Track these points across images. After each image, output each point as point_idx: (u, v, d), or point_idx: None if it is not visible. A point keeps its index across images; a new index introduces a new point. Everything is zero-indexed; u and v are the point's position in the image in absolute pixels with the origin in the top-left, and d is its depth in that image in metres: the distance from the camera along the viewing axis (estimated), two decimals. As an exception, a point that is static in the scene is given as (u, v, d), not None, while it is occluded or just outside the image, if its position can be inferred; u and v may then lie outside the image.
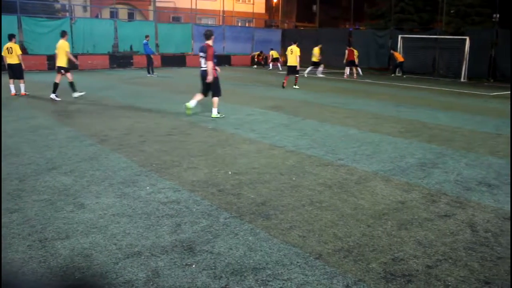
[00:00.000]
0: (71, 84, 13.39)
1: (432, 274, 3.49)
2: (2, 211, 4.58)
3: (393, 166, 6.53)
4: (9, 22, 23.22)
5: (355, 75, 23.49)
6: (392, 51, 25.83)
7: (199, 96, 10.33)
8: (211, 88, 10.07)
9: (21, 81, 13.93)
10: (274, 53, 30.09)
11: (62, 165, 6.25)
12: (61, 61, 13.14)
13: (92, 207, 4.72)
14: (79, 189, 5.29)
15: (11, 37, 13.90)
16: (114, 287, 3.22)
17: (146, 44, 22.10)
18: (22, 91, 13.98)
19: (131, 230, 4.17)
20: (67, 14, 28.86)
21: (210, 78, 9.79)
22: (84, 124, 9.29)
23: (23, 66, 13.97)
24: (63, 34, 13.34)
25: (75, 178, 5.70)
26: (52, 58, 24.32)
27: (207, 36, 9.91)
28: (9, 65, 13.82)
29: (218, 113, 10.28)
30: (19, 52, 13.86)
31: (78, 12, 32.06)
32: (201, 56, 9.95)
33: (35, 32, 24.12)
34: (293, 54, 16.72)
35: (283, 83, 17.19)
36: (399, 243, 4.02)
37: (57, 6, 31.36)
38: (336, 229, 4.28)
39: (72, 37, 25.10)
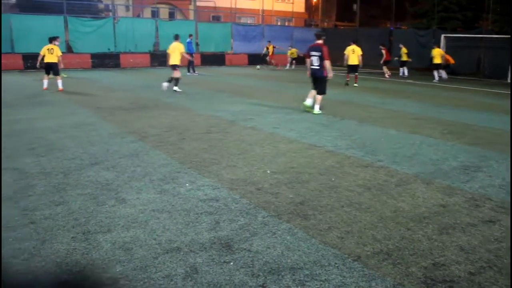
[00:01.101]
0: (177, 80, 15.09)
1: (475, 282, 3.38)
2: (48, 203, 4.73)
3: (434, 168, 6.37)
4: (56, 22, 24.03)
5: (387, 74, 23.21)
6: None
7: (313, 93, 10.88)
8: (317, 86, 10.67)
9: (58, 77, 15.01)
10: (293, 52, 29.24)
11: (104, 161, 6.40)
12: (175, 60, 15.01)
13: (133, 202, 4.81)
14: (120, 184, 5.40)
15: (52, 39, 15.13)
16: (154, 281, 3.27)
17: (189, 43, 22.37)
18: (60, 87, 14.94)
19: (171, 226, 4.23)
20: (110, 13, 29.51)
21: (330, 75, 10.57)
22: (125, 121, 9.49)
23: (61, 65, 15.14)
24: (176, 37, 15.60)
25: (117, 173, 5.82)
26: (95, 57, 25.12)
27: (319, 36, 10.61)
28: (48, 63, 14.92)
29: (320, 109, 10.78)
30: (60, 53, 15.00)
31: (121, 11, 32.79)
32: (313, 55, 10.43)
33: (79, 32, 24.85)
34: (355, 53, 17.69)
35: (347, 81, 18.12)
36: (440, 247, 3.91)
37: (101, 6, 32.18)
38: (375, 231, 4.21)
39: (114, 36, 25.75)
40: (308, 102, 10.86)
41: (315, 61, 10.44)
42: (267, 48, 28.36)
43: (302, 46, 33.25)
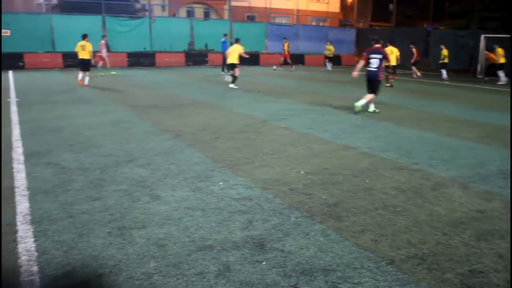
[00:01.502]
0: (235, 78, 16.51)
1: (515, 290, 3.28)
2: (86, 198, 4.85)
3: (472, 172, 6.20)
4: (95, 21, 24.60)
5: (415, 74, 22.86)
6: (487, 52, 24.17)
7: (369, 96, 11.09)
8: (372, 87, 11.02)
9: (87, 73, 15.93)
10: (330, 49, 28.30)
11: (140, 158, 6.51)
12: (233, 59, 16.61)
13: (167, 200, 4.88)
14: (155, 181, 5.48)
15: (84, 36, 16.20)
16: (186, 277, 3.30)
17: (224, 42, 22.51)
18: (86, 82, 15.88)
19: (204, 223, 4.27)
20: (147, 13, 29.99)
21: (382, 76, 11.23)
22: (161, 119, 9.63)
23: (92, 62, 16.54)
24: (237, 41, 17.69)
25: (151, 170, 5.91)
26: (132, 56, 25.58)
27: (377, 40, 11.21)
28: (81, 59, 16.01)
29: (375, 108, 11.22)
30: (91, 49, 16.12)
31: (157, 11, 33.28)
32: (373, 58, 10.81)
33: (117, 31, 25.35)
34: (393, 54, 17.95)
35: (391, 82, 18.08)
36: (477, 254, 3.80)
37: (138, 6, 32.72)
38: (410, 235, 4.13)
39: (150, 36, 26.15)
40: (361, 103, 10.96)
41: (374, 63, 10.81)
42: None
43: (336, 46, 33.09)
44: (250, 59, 29.44)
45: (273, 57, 30.02)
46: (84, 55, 15.93)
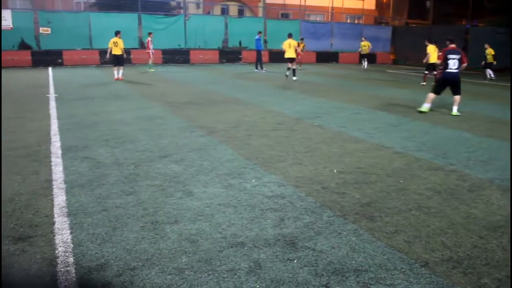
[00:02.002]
0: (294, 71, 18.32)
1: (556, 296, 3.16)
2: (120, 192, 4.93)
3: (512, 174, 6.01)
4: (131, 19, 25.04)
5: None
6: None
7: (433, 97, 10.87)
8: (456, 89, 10.73)
9: (121, 67, 16.98)
10: (365, 45, 27.18)
11: (173, 154, 6.59)
12: (290, 54, 18.37)
13: (200, 196, 4.91)
14: (188, 177, 5.53)
15: (117, 33, 16.92)
16: (218, 273, 3.31)
17: (258, 40, 22.52)
18: (120, 76, 16.70)
19: (236, 220, 4.28)
20: (182, 11, 30.29)
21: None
22: (194, 116, 9.71)
23: (125, 56, 17.15)
24: (290, 35, 19.03)
25: (184, 167, 5.97)
26: (166, 53, 25.88)
27: (453, 40, 10.91)
28: (115, 55, 16.81)
29: (458, 111, 10.77)
30: (123, 46, 16.85)
31: (192, 9, 33.56)
32: (452, 58, 10.46)
33: (152, 28, 25.67)
34: (436, 52, 17.76)
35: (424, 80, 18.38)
36: (516, 259, 3.69)
37: (173, 3, 33.09)
38: (445, 238, 4.03)
39: (185, 33, 26.41)
40: (426, 106, 10.80)
41: (453, 64, 10.47)
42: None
43: (371, 44, 32.61)
44: (284, 57, 29.50)
45: (307, 55, 29.75)
46: (116, 51, 16.76)
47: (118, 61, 16.82)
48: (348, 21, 38.59)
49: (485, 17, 33.48)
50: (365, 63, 27.39)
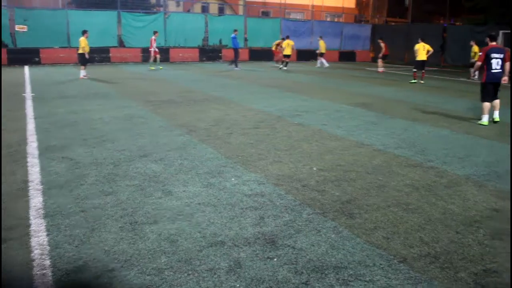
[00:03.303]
0: (286, 63, 22.28)
1: (531, 290, 3.22)
2: (98, 192, 4.87)
3: (488, 171, 6.10)
4: (110, 17, 24.77)
5: (380, 69, 22.61)
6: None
7: (489, 106, 9.60)
8: (497, 91, 9.69)
9: (83, 67, 16.93)
10: (322, 45, 26.33)
11: (153, 153, 6.53)
12: (288, 51, 22.44)
13: (179, 195, 4.88)
14: (167, 176, 5.49)
15: (83, 32, 16.86)
16: (197, 273, 3.30)
17: (234, 38, 22.46)
18: (81, 75, 16.81)
19: (216, 219, 4.26)
20: (161, 9, 30.07)
21: (506, 78, 9.64)
22: (174, 114, 9.65)
23: (87, 56, 16.94)
24: (288, 37, 22.42)
25: (164, 166, 5.92)
26: (146, 51, 25.64)
27: (494, 37, 9.93)
28: (81, 54, 16.80)
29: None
30: (83, 45, 16.63)
31: (172, 6, 33.32)
32: (496, 58, 9.46)
33: (131, 26, 25.48)
34: (425, 50, 18.08)
35: (416, 78, 18.31)
36: (491, 253, 3.74)
37: (153, 1, 32.81)
38: (423, 233, 4.08)
39: (165, 31, 26.22)
40: (485, 119, 9.55)
41: (496, 64, 9.44)
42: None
43: (351, 42, 32.90)
44: (264, 55, 29.53)
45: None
46: (79, 50, 16.89)
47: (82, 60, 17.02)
48: (328, 19, 38.77)
49: (462, 16, 33.97)
50: (323, 62, 26.32)
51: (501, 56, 9.49)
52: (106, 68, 20.93)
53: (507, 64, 9.56)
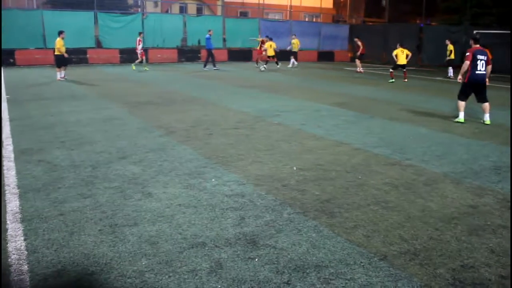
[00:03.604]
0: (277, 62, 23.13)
1: (506, 285, 3.28)
2: (77, 195, 4.81)
3: (464, 168, 6.22)
4: (87, 17, 24.45)
5: (359, 69, 22.78)
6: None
7: (464, 104, 9.77)
8: (484, 94, 9.68)
9: (60, 69, 16.74)
10: (295, 42, 26.33)
11: (132, 155, 6.48)
12: (272, 52, 22.64)
13: (159, 197, 4.85)
14: (147, 178, 5.45)
15: (59, 33, 16.74)
16: (179, 275, 3.28)
17: (208, 39, 22.34)
18: (58, 77, 16.62)
19: (196, 220, 4.24)
20: (139, 9, 29.83)
21: (487, 80, 9.75)
22: (153, 116, 9.58)
23: (65, 56, 16.82)
24: (271, 38, 22.31)
25: (143, 167, 5.88)
26: (124, 52, 25.38)
27: (478, 40, 9.82)
28: (56, 55, 16.74)
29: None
30: (59, 46, 16.52)
31: (149, 7, 33.10)
32: (480, 59, 9.46)
33: (109, 27, 25.19)
34: (404, 54, 18.57)
35: (391, 77, 18.75)
36: (469, 249, 3.81)
37: (130, 1, 32.54)
38: (402, 231, 4.13)
39: (143, 32, 25.97)
40: (462, 116, 9.76)
41: (481, 65, 9.47)
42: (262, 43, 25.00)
43: (330, 42, 33.11)
44: (243, 55, 29.53)
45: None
46: (58, 51, 16.74)
47: (64, 61, 16.86)
48: (307, 19, 38.97)
49: (438, 16, 34.49)
50: (294, 61, 26.17)
51: (485, 58, 9.54)
52: (83, 70, 20.65)
53: (490, 67, 9.64)
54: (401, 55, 18.55)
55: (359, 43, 22.81)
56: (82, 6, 24.86)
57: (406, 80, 18.73)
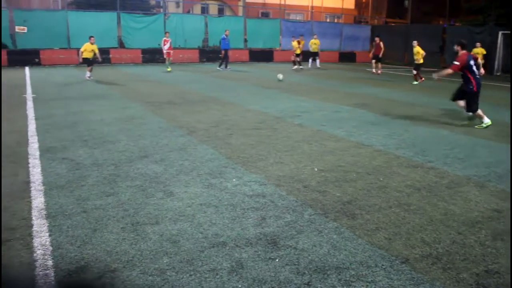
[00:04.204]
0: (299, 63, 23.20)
1: (533, 290, 3.23)
2: (100, 193, 4.88)
3: (488, 171, 6.11)
4: (110, 18, 24.77)
5: (374, 70, 21.92)
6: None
7: (481, 111, 9.32)
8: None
9: (88, 68, 16.84)
10: (316, 43, 24.99)
11: (154, 154, 6.54)
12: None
13: (181, 196, 4.88)
14: (168, 177, 5.50)
15: (89, 37, 16.88)
16: (199, 274, 3.30)
17: (224, 39, 22.35)
18: (86, 76, 16.80)
19: (217, 220, 4.27)
20: (161, 10, 30.08)
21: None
22: (174, 115, 9.66)
23: (99, 60, 17.25)
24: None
25: (165, 167, 5.93)
26: (146, 52, 25.62)
27: (465, 45, 9.47)
28: (84, 58, 16.86)
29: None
30: (82, 49, 16.78)
31: (171, 8, 33.35)
32: (473, 64, 9.18)
33: (131, 27, 25.47)
34: (420, 53, 18.04)
35: (420, 79, 18.26)
36: (493, 254, 3.75)
37: (152, 2, 32.81)
38: (424, 234, 4.09)
39: (165, 32, 26.19)
40: (487, 121, 9.25)
41: (476, 70, 9.23)
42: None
43: (351, 43, 32.91)
44: (264, 56, 29.54)
45: (287, 53, 29.84)
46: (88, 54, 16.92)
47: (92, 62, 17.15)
48: (328, 20, 38.80)
49: (462, 17, 33.99)
50: (316, 62, 25.57)
51: (474, 62, 9.25)
52: (106, 70, 20.90)
53: (482, 69, 9.38)
54: (418, 55, 18.10)
55: (380, 43, 21.74)
56: (105, 7, 25.22)
57: (416, 82, 18.23)
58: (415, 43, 18.51)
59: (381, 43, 21.71)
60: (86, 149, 6.76)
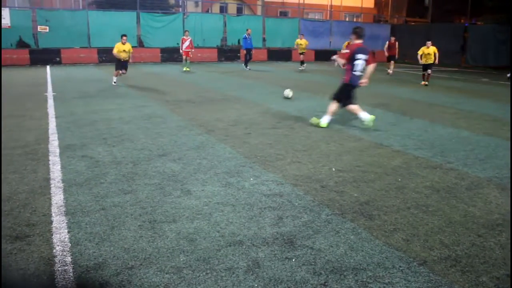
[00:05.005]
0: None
1: (555, 295, 3.16)
2: (118, 191, 4.92)
3: (510, 173, 5.99)
4: (129, 17, 25.02)
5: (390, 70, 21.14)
6: None
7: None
8: (354, 94, 8.80)
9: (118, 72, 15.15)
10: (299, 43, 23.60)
11: (172, 152, 6.57)
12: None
13: (198, 194, 4.90)
14: (186, 176, 5.52)
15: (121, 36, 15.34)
16: (216, 272, 3.31)
17: (245, 39, 22.36)
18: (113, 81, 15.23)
19: (234, 219, 4.27)
20: (180, 9, 30.25)
21: (366, 81, 8.84)
22: (193, 114, 9.70)
23: (130, 61, 15.43)
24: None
25: (183, 165, 5.96)
26: (165, 51, 25.79)
27: (360, 35, 8.59)
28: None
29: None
30: (116, 50, 15.15)
31: (190, 7, 33.48)
32: (360, 59, 8.39)
33: (151, 27, 25.69)
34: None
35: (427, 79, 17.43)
36: (515, 258, 3.68)
37: (171, 1, 33.03)
38: (443, 236, 4.03)
39: (183, 31, 26.33)
40: (366, 116, 8.64)
41: (360, 66, 8.51)
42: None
43: (370, 42, 32.52)
44: (282, 55, 29.51)
45: (306, 53, 29.75)
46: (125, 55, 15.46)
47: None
48: (347, 19, 38.56)
49: (484, 16, 33.46)
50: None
51: (366, 57, 8.44)
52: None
53: (371, 66, 8.65)
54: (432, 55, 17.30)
55: (396, 43, 21.11)
56: (125, 6, 25.47)
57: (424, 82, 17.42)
58: (429, 43, 18.01)
59: (396, 43, 21.12)
60: (105, 147, 6.83)
